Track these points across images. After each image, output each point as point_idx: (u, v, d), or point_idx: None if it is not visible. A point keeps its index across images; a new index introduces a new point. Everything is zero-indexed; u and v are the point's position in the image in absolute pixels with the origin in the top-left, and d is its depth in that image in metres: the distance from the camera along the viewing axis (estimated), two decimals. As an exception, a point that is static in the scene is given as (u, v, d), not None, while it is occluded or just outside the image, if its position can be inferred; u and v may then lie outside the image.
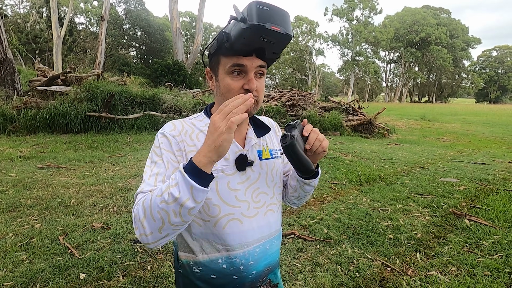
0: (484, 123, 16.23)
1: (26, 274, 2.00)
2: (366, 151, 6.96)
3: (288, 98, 10.98)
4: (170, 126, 0.81)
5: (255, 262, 0.82)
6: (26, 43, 23.09)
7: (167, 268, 2.16)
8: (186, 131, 0.81)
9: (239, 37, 0.69)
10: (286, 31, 0.70)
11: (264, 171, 0.86)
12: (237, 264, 0.80)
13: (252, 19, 0.66)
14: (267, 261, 0.85)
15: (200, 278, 0.82)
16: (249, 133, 0.87)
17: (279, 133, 0.99)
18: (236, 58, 0.73)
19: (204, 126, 0.83)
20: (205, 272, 0.81)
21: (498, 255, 2.39)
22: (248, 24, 0.66)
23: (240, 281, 0.82)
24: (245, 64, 0.74)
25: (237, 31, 0.69)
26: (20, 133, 6.51)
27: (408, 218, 3.13)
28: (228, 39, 0.71)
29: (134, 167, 4.65)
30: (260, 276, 0.84)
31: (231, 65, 0.74)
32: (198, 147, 0.78)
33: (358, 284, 2.05)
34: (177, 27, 17.55)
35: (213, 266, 0.80)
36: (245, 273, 0.81)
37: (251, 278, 0.83)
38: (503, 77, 55.40)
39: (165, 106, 8.38)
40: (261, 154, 0.87)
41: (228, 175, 0.80)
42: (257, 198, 0.84)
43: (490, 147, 8.72)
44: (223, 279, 0.81)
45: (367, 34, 40.90)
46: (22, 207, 3.04)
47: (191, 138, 0.80)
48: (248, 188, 0.82)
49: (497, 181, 4.61)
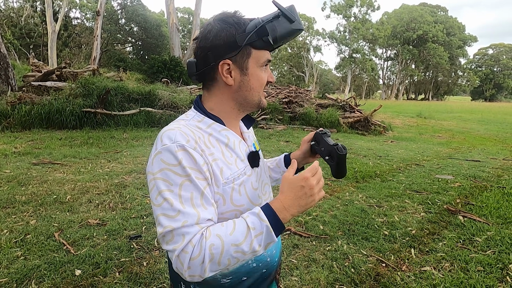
0: (480, 121, 16.36)
1: (21, 271, 2.00)
2: (362, 148, 6.99)
3: (285, 95, 10.97)
4: (183, 136, 0.66)
5: (276, 251, 0.85)
6: (20, 37, 22.75)
7: (163, 264, 2.17)
8: (199, 137, 0.70)
9: (287, 35, 0.71)
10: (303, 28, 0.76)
11: (262, 164, 0.86)
12: (264, 257, 0.80)
13: (300, 23, 0.71)
14: (279, 244, 0.89)
15: (232, 285, 0.76)
16: (241, 127, 0.85)
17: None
18: (268, 53, 0.74)
19: (208, 128, 0.74)
20: (235, 278, 0.76)
21: (491, 251, 2.43)
22: (300, 27, 0.71)
23: (268, 273, 0.82)
24: (271, 59, 0.76)
25: (286, 30, 0.71)
26: (15, 129, 6.44)
27: (403, 215, 3.16)
28: (273, 34, 0.70)
29: (130, 164, 4.63)
30: (279, 261, 0.88)
31: (266, 60, 0.74)
32: (216, 154, 0.71)
33: (353, 279, 2.07)
34: (174, 23, 17.41)
35: (243, 270, 0.76)
36: (271, 263, 0.82)
37: (275, 266, 0.85)
38: (498, 75, 55.79)
39: (161, 102, 8.33)
40: (255, 145, 0.87)
41: (249, 176, 0.77)
42: (264, 190, 0.85)
43: (485, 145, 8.81)
44: (254, 277, 0.79)
45: (364, 31, 40.90)
46: (16, 203, 3.01)
47: (206, 145, 0.70)
48: (260, 182, 0.83)
49: (491, 178, 4.66)
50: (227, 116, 0.78)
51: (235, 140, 0.77)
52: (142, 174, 4.16)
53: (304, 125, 10.01)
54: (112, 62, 21.54)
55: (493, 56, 57.06)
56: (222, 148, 0.74)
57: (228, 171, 0.71)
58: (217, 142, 0.73)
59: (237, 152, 0.76)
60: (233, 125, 0.80)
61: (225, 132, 0.75)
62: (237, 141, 0.78)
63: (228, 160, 0.73)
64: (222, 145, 0.74)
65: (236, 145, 0.77)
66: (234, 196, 0.72)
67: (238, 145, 0.77)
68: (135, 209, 3.04)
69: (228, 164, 0.72)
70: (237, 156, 0.76)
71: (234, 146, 0.76)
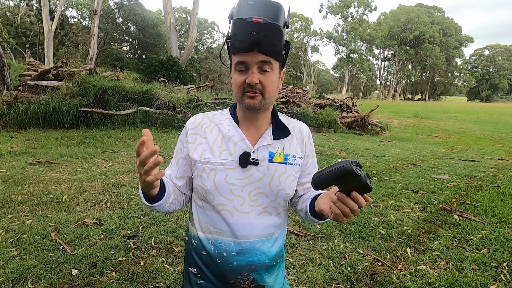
0: (475, 121, 16.49)
1: (17, 270, 1.99)
2: (359, 148, 7.02)
3: (282, 94, 10.99)
4: (193, 119, 0.90)
5: (237, 255, 0.84)
6: (16, 36, 22.55)
7: (160, 263, 2.17)
8: (204, 124, 0.88)
9: (233, 34, 0.75)
10: (270, 21, 0.71)
11: (270, 173, 0.84)
12: (221, 249, 0.85)
13: (237, 14, 0.73)
14: (252, 259, 0.85)
15: (195, 250, 0.91)
16: (266, 133, 0.87)
17: (309, 141, 0.94)
18: (240, 56, 0.77)
19: (222, 121, 0.88)
20: (199, 246, 0.89)
21: (486, 250, 2.45)
22: (234, 20, 0.73)
23: (221, 267, 0.86)
24: (246, 61, 0.77)
25: (231, 29, 0.75)
26: (11, 129, 6.40)
27: (400, 214, 3.18)
28: (228, 38, 0.77)
29: (127, 163, 4.62)
30: (240, 270, 0.85)
31: (236, 62, 0.79)
32: (209, 140, 0.86)
33: (350, 278, 2.08)
34: (171, 22, 17.35)
35: (204, 244, 0.88)
36: (226, 261, 0.85)
37: (231, 268, 0.85)
38: (494, 76, 56.22)
39: (159, 102, 8.31)
40: (273, 156, 0.85)
41: (227, 169, 0.83)
42: (254, 197, 0.85)
43: (481, 145, 8.88)
44: (209, 259, 0.87)
45: (361, 31, 41.02)
46: (12, 203, 3.00)
47: (205, 131, 0.87)
48: (247, 185, 0.83)
49: (486, 177, 4.70)
50: (240, 114, 0.88)
51: (235, 136, 0.85)
52: (139, 174, 4.15)
53: (302, 125, 10.02)
54: (109, 61, 21.44)
55: (489, 57, 57.50)
56: (218, 138, 0.86)
57: (208, 154, 0.85)
58: (218, 132, 0.86)
59: (229, 145, 0.84)
60: (247, 124, 0.87)
61: (230, 127, 0.86)
62: (237, 138, 0.84)
63: (215, 147, 0.85)
64: (220, 136, 0.86)
65: (231, 140, 0.84)
66: (203, 175, 0.84)
67: (235, 141, 0.84)
68: (132, 209, 3.03)
69: (212, 150, 0.85)
70: (226, 148, 0.84)
71: (229, 140, 0.85)
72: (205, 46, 41.62)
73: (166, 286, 1.95)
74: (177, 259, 2.25)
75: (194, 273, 0.91)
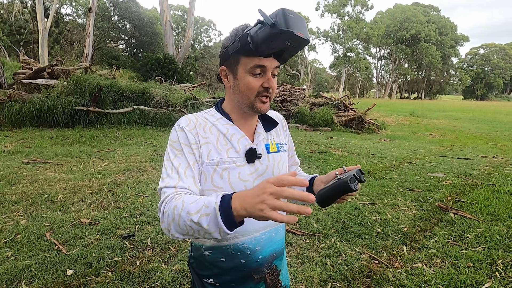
0: (471, 120, 16.62)
1: (11, 271, 1.96)
2: (356, 146, 7.04)
3: (279, 93, 10.98)
4: (186, 121, 0.85)
5: (261, 248, 0.88)
6: (10, 34, 22.29)
7: (156, 263, 2.15)
8: (200, 124, 0.86)
9: (267, 40, 0.73)
10: (307, 37, 0.76)
11: (271, 164, 0.91)
12: (245, 249, 0.85)
13: (282, 25, 0.71)
14: (273, 248, 0.91)
15: (210, 261, 0.88)
16: (258, 128, 0.93)
17: (286, 126, 1.06)
18: (258, 59, 0.79)
19: (216, 121, 0.87)
20: (215, 255, 0.87)
21: (481, 247, 2.47)
22: (279, 30, 0.71)
23: (247, 265, 0.87)
24: (265, 65, 0.80)
25: (266, 35, 0.73)
26: (5, 127, 6.33)
27: (396, 212, 3.20)
28: (253, 41, 0.75)
29: (123, 162, 4.59)
30: (266, 261, 0.89)
31: (253, 66, 0.79)
32: (211, 139, 0.84)
33: (346, 276, 2.09)
34: (168, 21, 17.24)
35: (221, 250, 0.86)
36: (252, 258, 0.86)
37: (257, 263, 0.87)
38: (489, 75, 56.68)
39: (155, 100, 8.26)
40: (269, 147, 0.92)
41: (239, 166, 0.85)
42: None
43: (476, 143, 8.95)
44: (231, 263, 0.86)
45: (358, 30, 41.12)
46: (6, 203, 2.96)
47: (204, 130, 0.85)
48: (256, 179, 0.87)
49: (481, 175, 4.74)
50: (233, 113, 0.89)
51: (235, 134, 0.87)
52: (135, 173, 4.13)
53: (299, 123, 10.05)
54: (105, 59, 21.24)
55: (484, 55, 57.94)
56: (220, 136, 0.85)
57: (215, 154, 0.83)
58: (217, 131, 0.86)
59: (233, 143, 0.85)
60: (241, 123, 0.89)
61: (226, 126, 0.87)
62: (238, 136, 0.87)
63: (220, 146, 0.84)
64: (221, 135, 0.86)
65: (234, 138, 0.86)
66: (214, 177, 0.82)
67: (237, 138, 0.87)
68: (128, 208, 3.01)
69: (218, 149, 0.84)
70: (231, 146, 0.85)
71: (232, 138, 0.86)
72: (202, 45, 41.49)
73: (162, 286, 1.94)
74: (174, 258, 2.24)
75: (211, 283, 0.89)
